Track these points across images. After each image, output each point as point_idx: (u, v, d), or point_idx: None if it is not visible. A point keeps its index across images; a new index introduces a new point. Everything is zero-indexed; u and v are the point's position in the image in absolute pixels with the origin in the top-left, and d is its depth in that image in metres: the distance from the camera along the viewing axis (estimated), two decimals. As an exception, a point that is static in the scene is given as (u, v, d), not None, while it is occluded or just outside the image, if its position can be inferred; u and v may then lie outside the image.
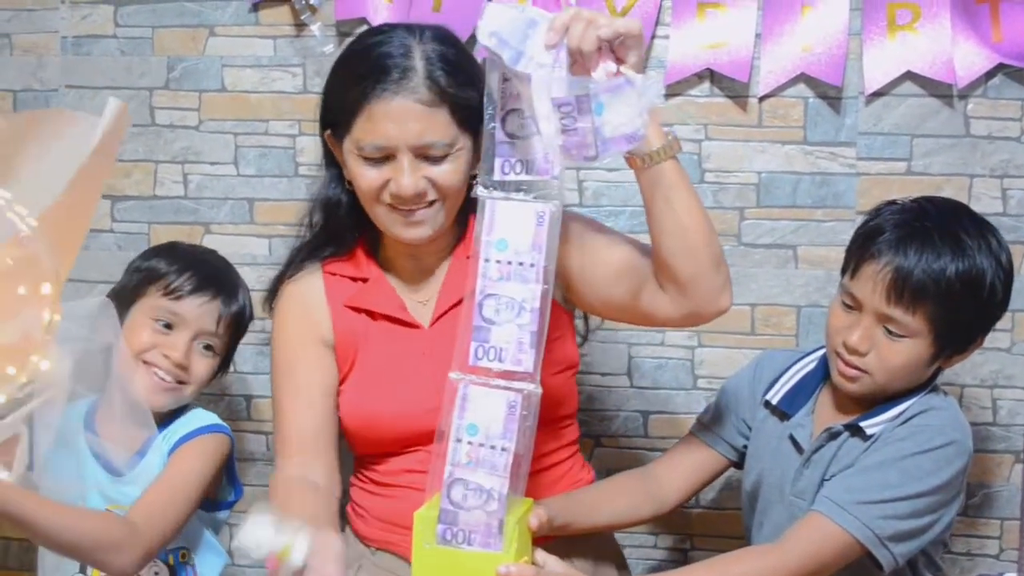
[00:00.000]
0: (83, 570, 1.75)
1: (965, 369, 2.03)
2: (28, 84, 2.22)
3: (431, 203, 1.54)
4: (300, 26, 2.14)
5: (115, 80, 2.20)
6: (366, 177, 1.53)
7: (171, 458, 1.75)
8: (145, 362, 1.74)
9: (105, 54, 2.20)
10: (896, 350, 1.57)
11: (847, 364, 1.61)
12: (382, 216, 1.57)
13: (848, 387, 1.62)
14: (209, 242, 2.16)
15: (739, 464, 1.79)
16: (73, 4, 2.19)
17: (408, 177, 1.50)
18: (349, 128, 1.53)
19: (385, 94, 1.49)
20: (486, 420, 1.33)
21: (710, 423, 1.79)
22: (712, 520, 2.14)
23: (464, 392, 1.34)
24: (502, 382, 1.34)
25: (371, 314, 1.64)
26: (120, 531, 1.59)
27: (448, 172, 1.53)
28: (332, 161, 1.64)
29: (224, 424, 1.83)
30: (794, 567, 1.49)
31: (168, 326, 1.76)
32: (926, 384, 1.64)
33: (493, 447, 1.32)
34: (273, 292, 1.71)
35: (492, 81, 1.35)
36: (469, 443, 1.33)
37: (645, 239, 1.55)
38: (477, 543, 1.34)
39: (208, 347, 1.79)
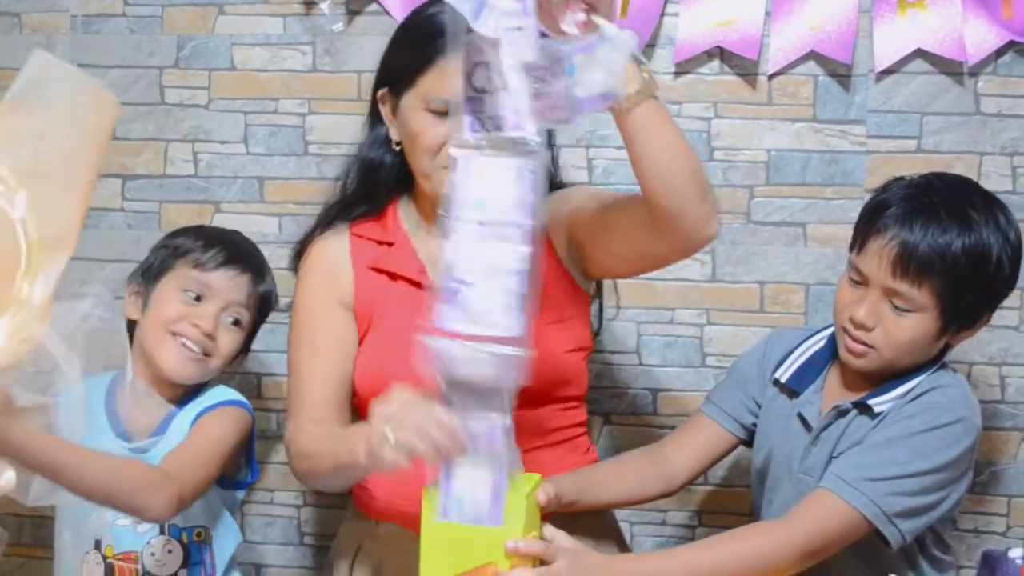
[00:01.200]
0: (97, 547, 1.76)
1: (973, 347, 2.03)
2: (38, 63, 2.22)
3: None
4: (309, 4, 2.14)
5: (124, 59, 2.20)
6: (428, 131, 1.55)
7: (195, 425, 1.76)
8: (173, 333, 1.77)
9: (115, 33, 2.20)
10: (902, 325, 1.57)
11: (854, 340, 1.61)
12: (434, 176, 1.57)
13: (855, 363, 1.63)
14: (219, 221, 2.16)
15: (748, 442, 1.79)
16: (83, -17, 2.20)
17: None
18: (414, 82, 1.56)
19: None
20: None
21: (719, 401, 1.80)
22: (721, 498, 2.15)
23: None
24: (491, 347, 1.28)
25: (392, 276, 1.66)
26: (154, 475, 1.61)
27: None
28: (377, 122, 1.67)
29: (246, 401, 1.85)
30: (801, 543, 1.50)
31: (198, 298, 1.78)
32: (934, 361, 1.64)
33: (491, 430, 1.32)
34: (301, 251, 1.74)
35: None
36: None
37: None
38: (484, 521, 1.34)
39: (235, 321, 1.81)
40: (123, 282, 1.87)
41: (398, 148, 1.64)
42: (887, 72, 2.03)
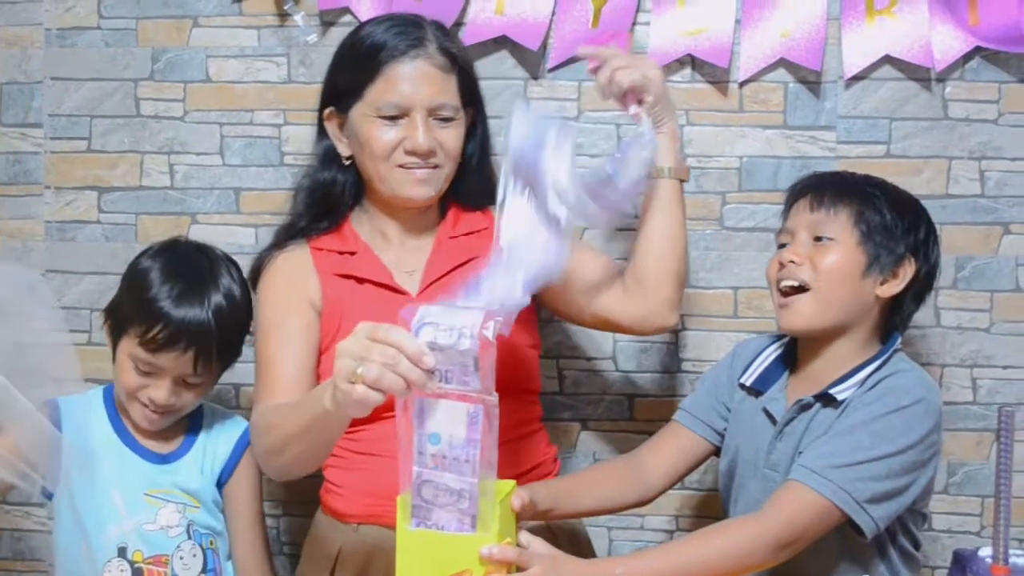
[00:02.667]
0: (121, 554, 1.76)
1: (945, 349, 2.06)
2: (13, 77, 2.22)
3: (435, 166, 1.67)
4: (283, 16, 2.16)
5: (100, 72, 2.20)
6: (381, 136, 1.65)
7: (235, 499, 1.86)
8: (138, 403, 1.77)
9: (89, 46, 2.21)
10: (827, 253, 1.65)
11: (785, 293, 1.67)
12: (390, 177, 1.66)
13: (792, 319, 1.67)
14: (196, 232, 2.17)
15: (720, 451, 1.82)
16: (57, -4, 2.21)
17: (423, 135, 1.63)
18: (361, 95, 1.66)
19: (404, 58, 1.64)
20: (448, 429, 1.30)
21: (692, 409, 1.82)
22: (697, 501, 2.17)
23: (421, 404, 1.30)
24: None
25: (359, 280, 1.70)
26: None
27: (453, 136, 1.68)
28: (324, 142, 1.75)
29: (244, 422, 1.87)
30: (772, 536, 1.51)
31: (148, 373, 1.75)
32: (887, 342, 1.68)
33: (456, 458, 1.30)
34: (258, 269, 1.76)
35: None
36: (432, 455, 1.30)
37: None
38: (452, 531, 1.33)
39: (191, 384, 1.78)
40: (101, 294, 1.87)
41: (348, 163, 1.72)
42: (856, 78, 2.06)
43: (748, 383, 1.76)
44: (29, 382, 1.45)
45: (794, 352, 1.75)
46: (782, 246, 1.72)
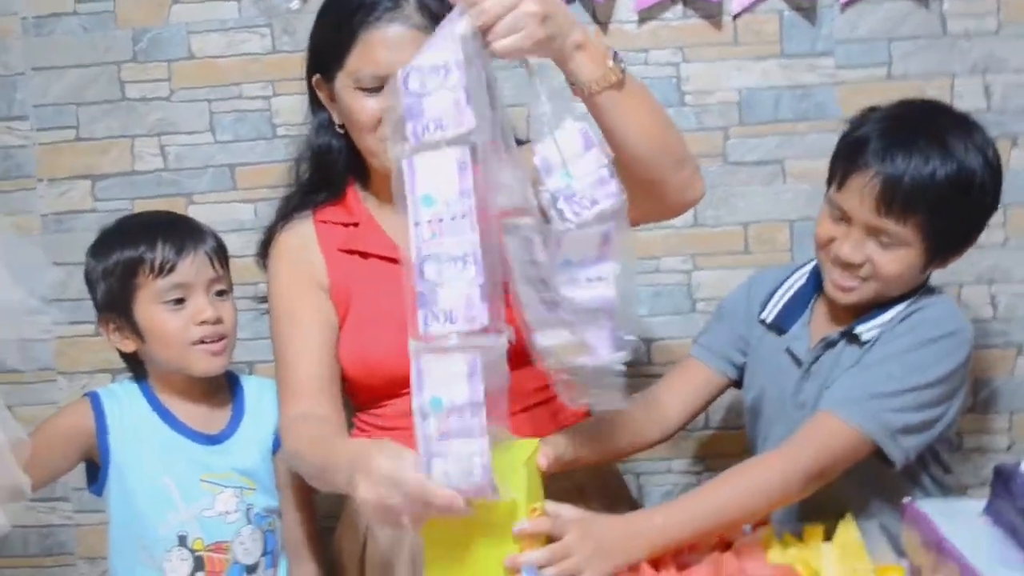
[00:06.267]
0: (182, 542, 1.75)
1: (962, 267, 2.02)
2: (-7, 70, 2.19)
3: None
4: (263, -16, 2.12)
5: (81, 58, 2.16)
6: (364, 109, 1.55)
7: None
8: (191, 343, 1.74)
9: (68, 32, 2.16)
10: (889, 259, 1.57)
11: (842, 277, 1.61)
12: (378, 150, 1.57)
13: (843, 298, 1.62)
14: (193, 212, 2.13)
15: (739, 383, 1.79)
16: (30, -17, 2.16)
17: None
18: (342, 63, 1.56)
19: (380, 23, 1.52)
20: (448, 389, 1.22)
21: (707, 343, 1.80)
22: (723, 440, 2.16)
23: (419, 365, 1.23)
24: (457, 341, 1.22)
25: (363, 255, 1.66)
26: None
27: None
28: (319, 108, 1.66)
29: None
30: (806, 466, 1.49)
31: (181, 300, 1.75)
32: (920, 286, 1.64)
33: (462, 414, 1.22)
34: (266, 243, 1.72)
35: None
36: (436, 417, 1.22)
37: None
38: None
39: (220, 292, 1.79)
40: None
41: (343, 131, 1.64)
42: (852, 1, 2.02)
43: (769, 320, 1.73)
44: None
45: (818, 281, 1.70)
46: (836, 218, 1.60)
